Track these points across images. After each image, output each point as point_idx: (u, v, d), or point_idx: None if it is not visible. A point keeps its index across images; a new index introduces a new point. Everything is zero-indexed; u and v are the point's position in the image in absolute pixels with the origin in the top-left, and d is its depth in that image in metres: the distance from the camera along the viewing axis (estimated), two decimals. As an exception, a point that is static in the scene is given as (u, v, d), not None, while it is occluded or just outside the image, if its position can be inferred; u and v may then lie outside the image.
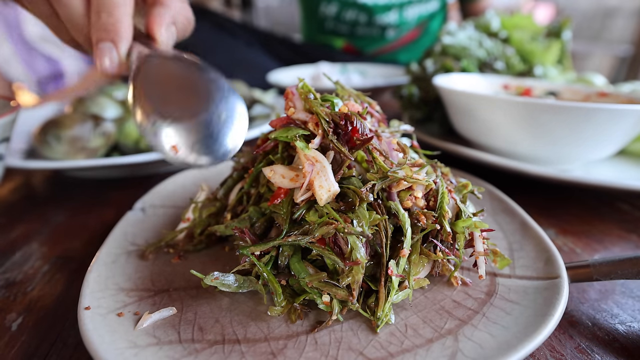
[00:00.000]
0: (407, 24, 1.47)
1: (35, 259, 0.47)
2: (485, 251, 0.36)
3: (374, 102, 0.45)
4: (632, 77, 2.92)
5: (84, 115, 0.66)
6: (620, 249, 0.49)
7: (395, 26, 1.46)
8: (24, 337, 0.35)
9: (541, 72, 0.82)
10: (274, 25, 1.68)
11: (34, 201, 0.64)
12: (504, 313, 0.32)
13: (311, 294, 0.33)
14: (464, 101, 0.66)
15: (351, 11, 1.38)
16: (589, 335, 0.35)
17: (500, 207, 0.48)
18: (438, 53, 0.88)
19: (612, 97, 0.69)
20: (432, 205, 0.37)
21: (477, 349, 0.28)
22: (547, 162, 0.63)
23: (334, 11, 1.38)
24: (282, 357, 0.29)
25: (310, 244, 0.33)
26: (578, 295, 0.40)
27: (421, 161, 0.37)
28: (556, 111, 0.55)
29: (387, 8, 1.38)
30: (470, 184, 0.41)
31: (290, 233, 0.34)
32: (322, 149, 0.37)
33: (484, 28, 0.90)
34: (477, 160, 0.63)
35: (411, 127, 0.45)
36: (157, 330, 0.31)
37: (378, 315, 0.31)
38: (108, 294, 0.34)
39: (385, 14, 1.40)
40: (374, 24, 1.43)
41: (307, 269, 0.34)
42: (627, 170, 0.65)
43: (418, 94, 0.87)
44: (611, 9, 3.39)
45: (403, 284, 0.34)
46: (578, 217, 0.56)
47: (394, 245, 0.35)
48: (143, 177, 0.71)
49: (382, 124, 0.45)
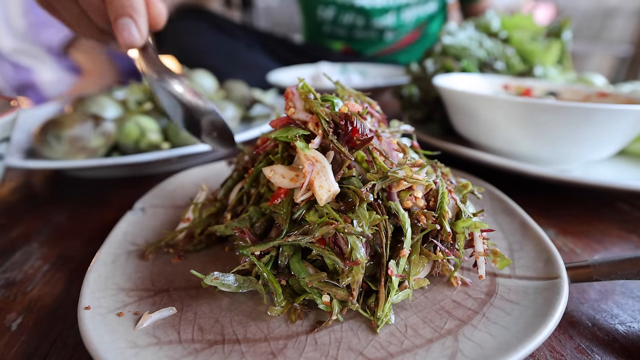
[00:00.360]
0: (405, 26, 1.47)
1: (35, 258, 0.47)
2: (485, 251, 0.36)
3: (374, 102, 0.45)
4: (632, 77, 2.92)
5: (84, 115, 0.66)
6: (620, 249, 0.49)
7: (393, 29, 1.45)
8: (23, 337, 0.35)
9: (541, 73, 0.82)
10: (274, 26, 1.68)
11: (34, 201, 0.64)
12: (504, 313, 0.32)
13: (311, 294, 0.33)
14: (464, 101, 0.66)
15: (348, 15, 1.37)
16: (588, 336, 0.35)
17: (500, 207, 0.48)
18: (438, 53, 0.88)
19: (612, 97, 0.69)
20: (432, 205, 0.37)
21: (477, 349, 0.28)
22: (547, 162, 0.63)
23: (331, 15, 1.38)
24: (282, 357, 0.29)
25: (310, 244, 0.33)
26: (578, 295, 0.40)
27: (421, 161, 0.37)
28: (556, 111, 0.55)
29: (385, 11, 1.38)
30: (470, 184, 0.41)
31: (290, 233, 0.34)
32: (322, 149, 0.37)
33: (484, 28, 0.90)
34: (477, 160, 0.63)
35: (411, 127, 0.45)
36: (157, 330, 0.31)
37: (378, 315, 0.31)
38: (108, 294, 0.34)
39: (382, 17, 1.40)
40: (371, 27, 1.43)
41: (307, 269, 0.34)
42: (627, 170, 0.65)
43: (418, 94, 0.87)
44: (611, 9, 3.39)
45: (403, 284, 0.34)
46: (578, 218, 0.56)
47: (394, 246, 0.35)
48: (143, 177, 0.71)
49: (382, 124, 0.45)
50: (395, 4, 1.37)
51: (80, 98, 0.73)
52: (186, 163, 0.73)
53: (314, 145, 0.35)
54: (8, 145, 0.50)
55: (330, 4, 1.34)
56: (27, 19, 1.46)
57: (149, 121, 0.71)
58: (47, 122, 0.64)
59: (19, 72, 1.59)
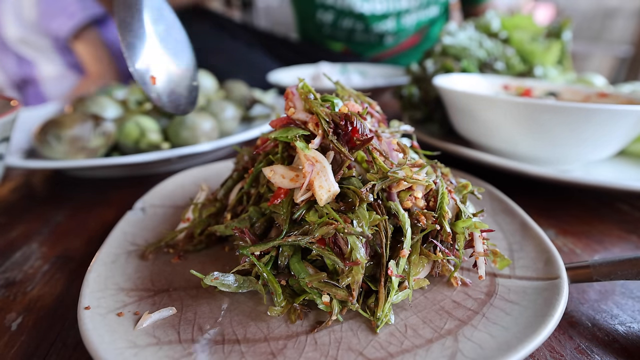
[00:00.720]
0: (406, 30, 1.46)
1: (35, 258, 0.47)
2: (485, 251, 0.36)
3: (374, 103, 0.45)
4: (632, 77, 2.92)
5: (84, 115, 0.66)
6: (620, 250, 0.49)
7: (393, 33, 1.45)
8: (23, 337, 0.35)
9: (541, 73, 0.82)
10: (274, 26, 1.68)
11: (34, 201, 0.64)
12: (503, 313, 0.32)
13: (311, 294, 0.33)
14: (464, 101, 0.66)
15: (347, 19, 1.36)
16: (588, 336, 0.35)
17: (500, 208, 0.48)
18: (438, 53, 0.88)
19: (612, 97, 0.69)
20: (432, 205, 0.37)
21: (477, 349, 0.28)
22: (547, 162, 0.63)
23: (331, 19, 1.37)
24: (281, 357, 0.29)
25: (310, 244, 0.33)
26: (578, 295, 0.40)
27: (421, 161, 0.37)
28: (556, 112, 0.55)
29: (384, 17, 1.37)
30: (470, 185, 0.41)
31: (290, 233, 0.34)
32: (322, 149, 0.37)
33: (484, 28, 0.90)
34: (477, 160, 0.63)
35: (411, 127, 0.45)
36: (156, 330, 0.31)
37: (378, 315, 0.31)
38: (108, 294, 0.34)
39: (382, 22, 1.39)
40: (371, 31, 1.42)
41: (307, 269, 0.34)
42: (627, 170, 0.65)
43: (418, 94, 0.87)
44: (611, 9, 3.39)
45: (403, 284, 0.34)
46: (578, 218, 0.56)
47: (394, 246, 0.35)
48: (143, 177, 0.71)
49: (382, 124, 0.45)
50: (395, 9, 1.36)
51: (80, 98, 0.73)
52: (186, 163, 0.73)
53: (314, 146, 0.35)
54: (8, 145, 0.50)
55: (330, 8, 1.33)
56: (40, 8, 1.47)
57: (149, 121, 0.71)
58: (47, 122, 0.64)
59: (21, 66, 1.59)
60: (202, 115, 0.73)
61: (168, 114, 0.76)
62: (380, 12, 1.34)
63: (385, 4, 1.33)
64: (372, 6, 1.32)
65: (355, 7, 1.31)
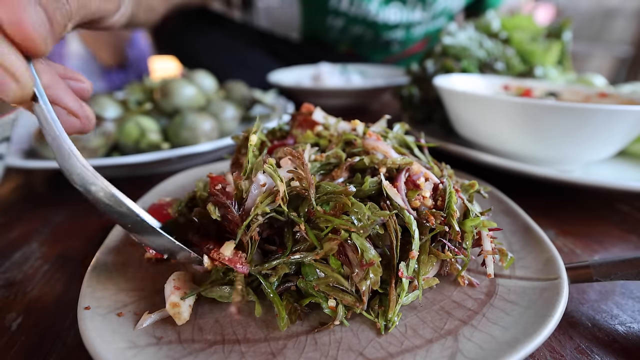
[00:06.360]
0: (413, 39, 1.46)
1: (35, 258, 0.47)
2: (493, 250, 0.36)
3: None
4: (632, 78, 2.92)
5: (84, 115, 0.66)
6: (620, 250, 0.49)
7: (401, 42, 1.45)
8: (23, 337, 0.35)
9: (541, 73, 0.82)
10: (274, 25, 1.67)
11: (34, 201, 0.64)
12: (503, 314, 0.32)
13: (317, 298, 0.33)
14: (464, 102, 0.66)
15: (358, 27, 1.36)
16: (588, 336, 0.35)
17: (500, 208, 0.48)
18: (438, 53, 0.88)
19: (612, 98, 0.69)
20: (439, 205, 0.36)
21: (477, 349, 0.28)
22: (547, 162, 0.63)
23: (341, 25, 1.36)
24: (281, 357, 0.29)
25: (314, 262, 0.33)
26: (578, 296, 0.40)
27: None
28: (556, 112, 0.55)
29: (395, 27, 1.37)
30: (477, 184, 0.41)
31: (294, 249, 0.34)
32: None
33: (484, 29, 0.90)
34: (477, 160, 0.63)
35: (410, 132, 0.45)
36: (157, 330, 0.31)
37: (389, 317, 0.31)
38: (108, 294, 0.34)
39: (392, 31, 1.38)
40: (379, 39, 1.42)
41: (317, 271, 0.33)
42: (627, 171, 0.65)
43: (418, 95, 0.87)
44: (611, 10, 3.39)
45: (412, 284, 0.33)
46: (578, 218, 0.56)
47: (402, 246, 0.34)
48: (143, 177, 0.71)
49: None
50: (408, 21, 1.36)
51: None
52: (186, 163, 0.73)
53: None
54: (8, 145, 0.50)
55: (342, 15, 1.33)
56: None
57: (149, 121, 0.71)
58: (47, 122, 0.64)
59: None
60: (202, 116, 0.73)
61: (168, 113, 0.76)
62: (393, 23, 1.35)
63: (399, 15, 1.33)
64: (386, 16, 1.32)
65: (369, 15, 1.30)
